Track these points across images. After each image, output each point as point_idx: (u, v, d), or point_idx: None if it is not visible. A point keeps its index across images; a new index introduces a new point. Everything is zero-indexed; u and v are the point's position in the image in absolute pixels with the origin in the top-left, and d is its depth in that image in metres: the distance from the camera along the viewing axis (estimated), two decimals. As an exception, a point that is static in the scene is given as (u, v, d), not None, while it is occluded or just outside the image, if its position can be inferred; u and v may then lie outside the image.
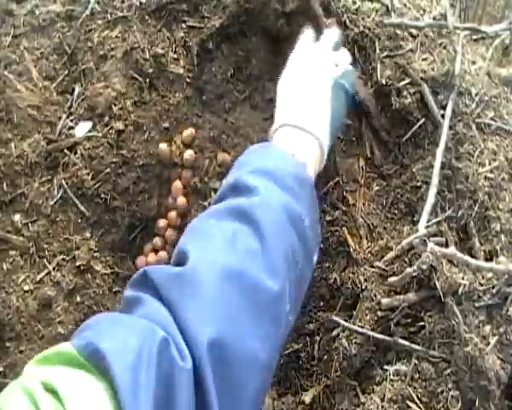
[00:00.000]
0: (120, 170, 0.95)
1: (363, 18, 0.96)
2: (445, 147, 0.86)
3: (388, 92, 0.92)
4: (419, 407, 0.77)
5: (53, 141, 0.98)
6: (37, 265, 0.94)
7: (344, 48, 0.90)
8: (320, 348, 0.88)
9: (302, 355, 0.89)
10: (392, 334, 0.82)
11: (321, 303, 0.89)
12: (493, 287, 0.79)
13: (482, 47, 1.03)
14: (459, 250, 0.79)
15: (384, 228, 0.90)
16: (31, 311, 0.91)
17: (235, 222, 0.58)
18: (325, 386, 0.85)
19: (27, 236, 0.94)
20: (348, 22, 0.95)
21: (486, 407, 0.75)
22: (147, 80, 0.97)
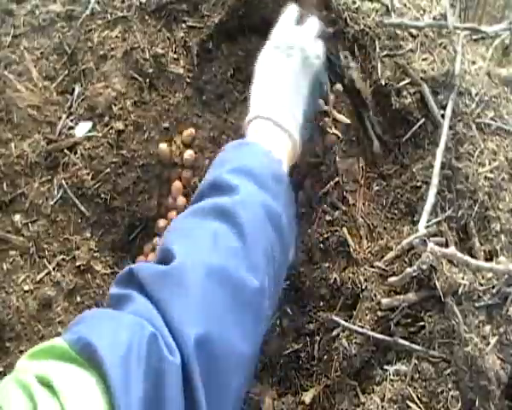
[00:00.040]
0: (120, 170, 0.95)
1: (363, 17, 0.96)
2: (445, 147, 0.86)
3: (388, 92, 0.92)
4: (419, 407, 0.77)
5: (53, 141, 0.98)
6: (37, 265, 0.94)
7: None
8: (320, 348, 0.88)
9: (302, 355, 0.89)
10: (392, 334, 0.82)
11: (321, 303, 0.89)
12: (493, 287, 0.79)
13: (482, 47, 1.03)
14: (459, 250, 0.79)
15: (384, 228, 0.90)
16: (31, 311, 0.91)
17: (216, 221, 0.60)
18: (325, 386, 0.85)
19: (27, 236, 0.94)
20: (349, 20, 0.95)
21: (486, 407, 0.75)
22: (147, 80, 0.97)
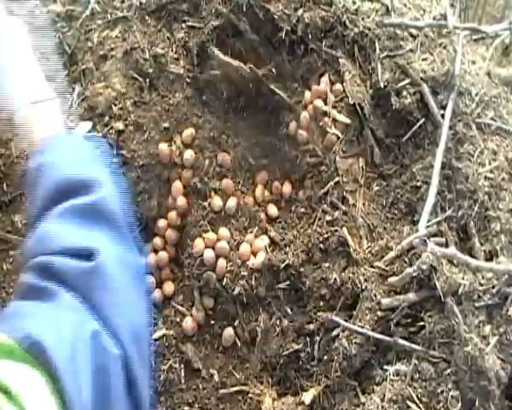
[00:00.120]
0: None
1: (362, 18, 0.96)
2: (445, 147, 0.86)
3: (388, 92, 0.92)
4: (419, 407, 0.77)
5: (53, 141, 0.97)
6: (37, 265, 0.94)
7: None
8: (320, 348, 0.87)
9: (302, 355, 0.89)
10: (392, 334, 0.82)
11: (321, 303, 0.89)
12: (493, 287, 0.80)
13: (482, 47, 1.03)
14: (459, 250, 0.79)
15: (384, 228, 0.90)
16: (31, 311, 0.91)
17: (94, 219, 0.60)
18: (325, 386, 0.85)
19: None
20: (348, 22, 0.95)
21: (486, 407, 0.75)
22: (147, 80, 0.97)
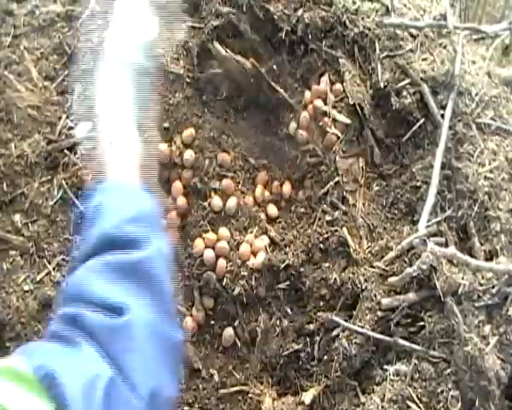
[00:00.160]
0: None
1: (362, 18, 0.96)
2: (445, 147, 0.86)
3: (388, 92, 0.92)
4: (419, 407, 0.77)
5: (53, 141, 0.97)
6: (37, 265, 0.94)
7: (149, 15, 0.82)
8: (320, 348, 0.88)
9: (302, 355, 0.89)
10: (392, 334, 0.82)
11: (321, 303, 0.89)
12: (493, 287, 0.79)
13: (482, 47, 1.03)
14: (459, 250, 0.79)
15: (384, 228, 0.90)
16: (31, 311, 0.91)
17: (129, 279, 0.60)
18: (325, 386, 0.85)
19: (27, 236, 0.94)
20: (348, 23, 0.95)
21: (486, 407, 0.75)
22: (147, 80, 0.97)
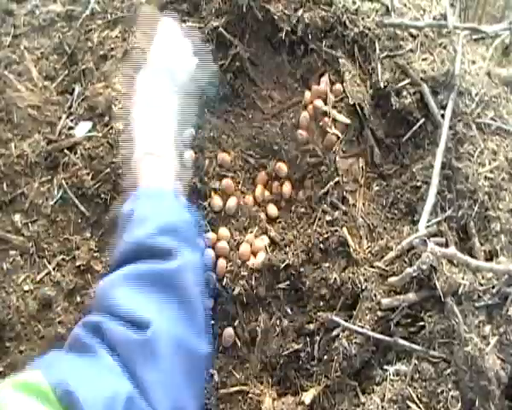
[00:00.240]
0: (120, 170, 0.95)
1: (362, 18, 0.96)
2: (445, 147, 0.86)
3: (388, 92, 0.92)
4: (419, 407, 0.76)
5: (53, 141, 0.98)
6: (37, 265, 0.94)
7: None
8: (320, 348, 0.87)
9: (302, 355, 0.89)
10: (392, 334, 0.82)
11: (321, 303, 0.89)
12: (493, 287, 0.79)
13: (482, 47, 1.03)
14: (459, 250, 0.79)
15: (384, 228, 0.90)
16: (31, 311, 0.91)
17: (161, 289, 0.61)
18: (325, 386, 0.85)
19: (27, 236, 0.94)
20: (348, 22, 0.95)
21: (486, 407, 0.75)
22: (147, 80, 0.97)
